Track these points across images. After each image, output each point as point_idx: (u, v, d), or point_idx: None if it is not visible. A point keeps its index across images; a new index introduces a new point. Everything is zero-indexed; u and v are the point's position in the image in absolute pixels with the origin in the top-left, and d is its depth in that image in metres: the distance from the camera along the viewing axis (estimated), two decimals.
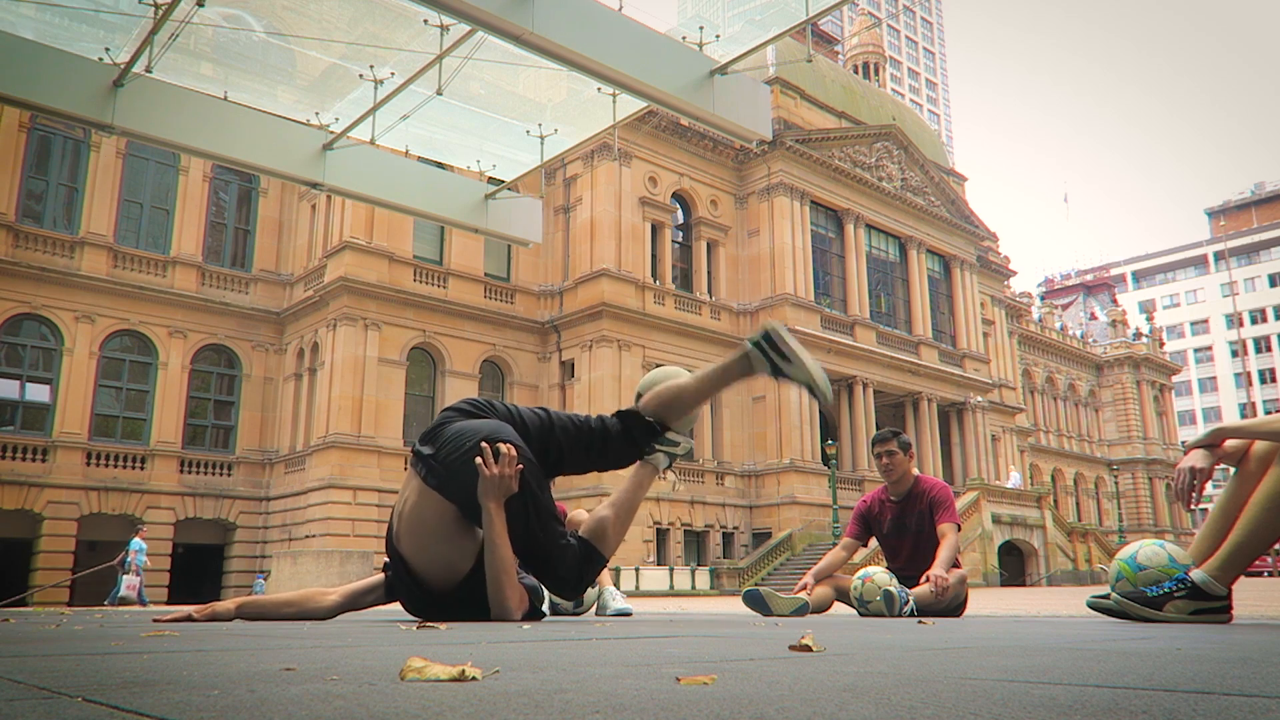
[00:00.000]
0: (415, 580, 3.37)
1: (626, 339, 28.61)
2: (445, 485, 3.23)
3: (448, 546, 3.32)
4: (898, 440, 5.57)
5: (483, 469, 3.13)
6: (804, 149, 32.46)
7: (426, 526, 3.30)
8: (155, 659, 1.67)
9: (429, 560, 3.34)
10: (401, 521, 3.36)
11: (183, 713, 0.96)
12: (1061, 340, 55.28)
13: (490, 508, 3.17)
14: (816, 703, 1.05)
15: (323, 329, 25.97)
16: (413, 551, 3.36)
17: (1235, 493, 3.29)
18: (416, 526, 3.32)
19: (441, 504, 3.25)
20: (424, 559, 3.34)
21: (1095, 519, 51.35)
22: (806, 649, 1.89)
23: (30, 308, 23.60)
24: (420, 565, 3.36)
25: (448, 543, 3.31)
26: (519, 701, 1.05)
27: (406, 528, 3.34)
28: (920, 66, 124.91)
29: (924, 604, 4.95)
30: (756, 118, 7.37)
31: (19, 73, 6.53)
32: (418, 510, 3.30)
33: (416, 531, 3.33)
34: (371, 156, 8.18)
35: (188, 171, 26.74)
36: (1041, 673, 1.41)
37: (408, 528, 3.34)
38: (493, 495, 3.16)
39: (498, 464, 3.13)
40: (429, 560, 3.34)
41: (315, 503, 24.59)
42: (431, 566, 3.35)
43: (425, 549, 3.33)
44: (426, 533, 3.31)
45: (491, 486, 3.14)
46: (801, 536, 28.97)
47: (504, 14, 5.82)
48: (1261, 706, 1.01)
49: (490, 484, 3.14)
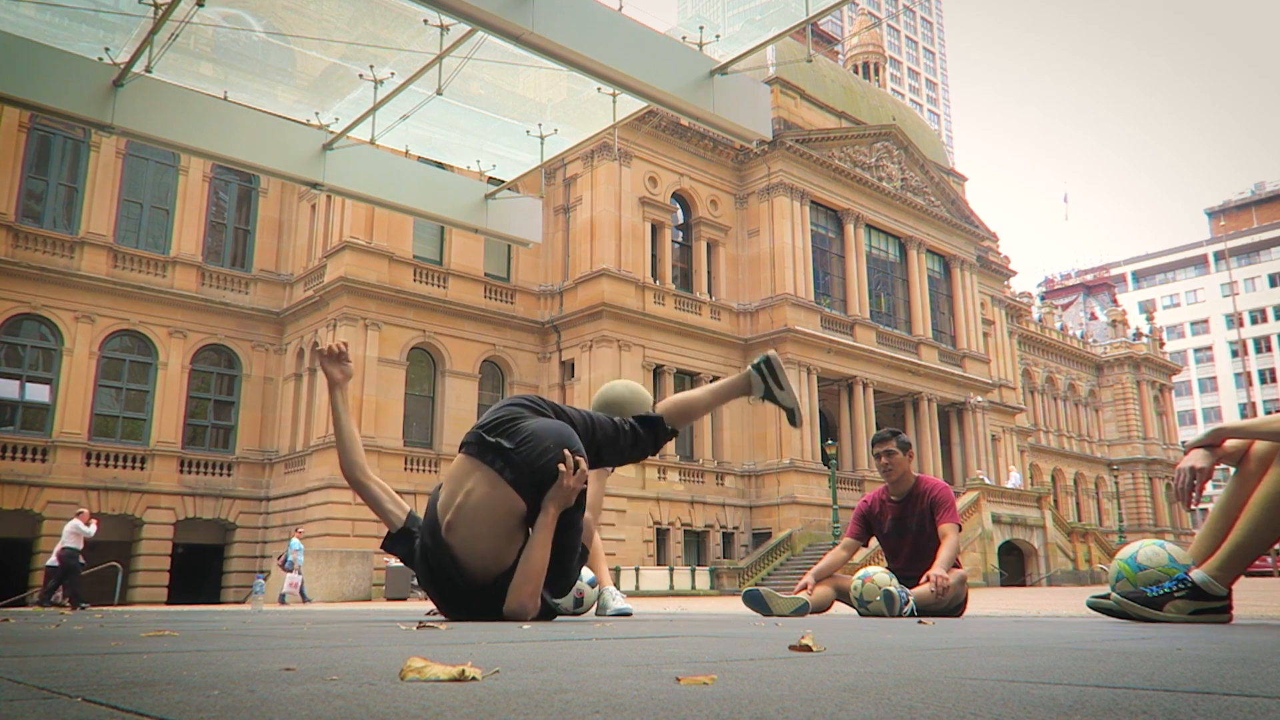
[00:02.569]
0: (458, 571, 3.36)
1: (626, 339, 28.61)
2: (520, 480, 3.29)
3: (502, 543, 3.35)
4: (897, 440, 5.57)
5: (564, 477, 3.26)
6: (804, 149, 32.46)
7: (493, 520, 3.32)
8: (155, 659, 1.67)
9: (481, 553, 3.34)
10: (460, 512, 3.34)
11: (183, 713, 0.96)
12: (1061, 340, 55.28)
13: (551, 511, 3.29)
14: (816, 703, 1.04)
15: (323, 329, 25.96)
16: (465, 543, 3.34)
17: (1235, 493, 3.29)
18: (480, 518, 3.32)
19: (515, 501, 3.31)
20: (477, 550, 3.34)
21: (1095, 519, 51.34)
22: (806, 649, 1.89)
23: (30, 308, 23.60)
24: (469, 558, 3.35)
25: (504, 539, 3.34)
26: (519, 701, 1.05)
27: (467, 518, 3.33)
28: (920, 66, 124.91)
29: (924, 604, 4.95)
30: (756, 118, 7.38)
31: (19, 73, 6.53)
32: (488, 502, 3.32)
33: (479, 523, 3.32)
34: (371, 156, 8.18)
35: (188, 171, 26.74)
36: (1041, 673, 1.41)
37: (469, 519, 3.33)
38: (559, 501, 3.29)
39: (575, 474, 3.28)
40: (481, 553, 3.34)
41: (315, 503, 24.58)
42: (481, 560, 3.35)
43: (481, 540, 3.34)
44: (490, 526, 3.32)
45: (562, 493, 3.28)
46: (801, 536, 28.97)
47: (504, 14, 5.82)
48: (1261, 707, 1.01)
49: (562, 491, 3.27)
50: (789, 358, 30.77)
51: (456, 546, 3.35)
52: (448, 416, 26.81)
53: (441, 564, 3.39)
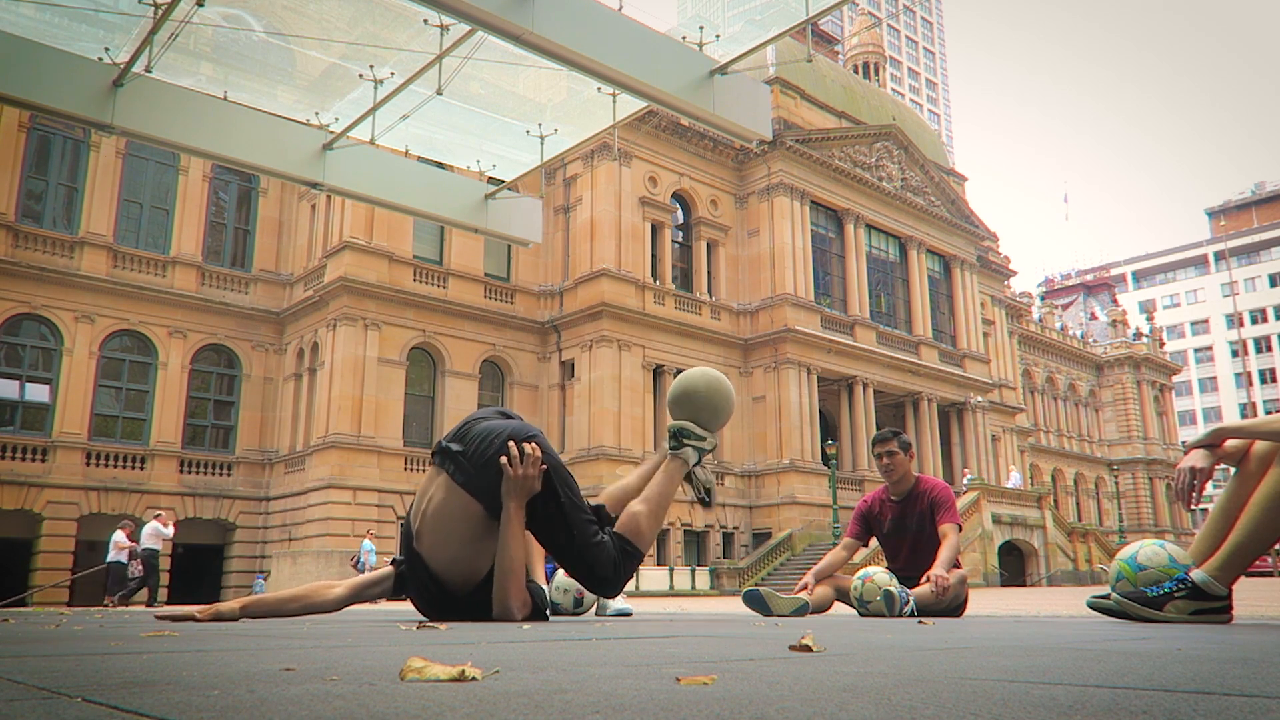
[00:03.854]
0: (434, 581, 3.34)
1: (626, 339, 28.61)
2: (472, 482, 3.24)
3: (470, 548, 3.30)
4: (898, 440, 5.57)
5: (507, 468, 3.17)
6: (804, 149, 32.46)
7: (451, 526, 3.28)
8: (155, 659, 1.67)
9: (450, 561, 3.31)
10: (424, 521, 3.33)
11: (183, 713, 0.96)
12: (1061, 340, 55.28)
13: (511, 506, 3.20)
14: (816, 703, 1.04)
15: (322, 329, 25.97)
16: (433, 551, 3.32)
17: (1235, 493, 3.29)
18: (440, 525, 3.30)
19: (468, 503, 3.25)
20: (445, 559, 3.31)
21: (1095, 519, 51.33)
22: (806, 649, 1.89)
23: (30, 308, 23.59)
24: (440, 566, 3.32)
25: (470, 544, 3.30)
26: (519, 701, 1.05)
27: (430, 526, 3.31)
28: (920, 66, 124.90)
29: (924, 604, 4.95)
30: (756, 118, 7.37)
31: (19, 73, 6.53)
32: (444, 509, 3.29)
33: (440, 530, 3.30)
34: (371, 156, 8.18)
35: (187, 171, 26.74)
36: (1041, 673, 1.41)
37: (431, 526, 3.31)
38: (515, 494, 3.19)
39: (522, 464, 3.17)
40: (450, 561, 3.31)
41: (315, 503, 24.58)
42: (452, 568, 3.32)
43: (447, 549, 3.31)
44: (450, 532, 3.29)
45: (515, 485, 3.18)
46: (801, 536, 28.97)
47: (504, 14, 5.82)
48: (1261, 707, 1.01)
49: (514, 483, 3.18)
50: (789, 358, 30.79)
51: (426, 555, 3.33)
52: (448, 416, 26.79)
53: (416, 574, 3.37)
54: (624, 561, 3.34)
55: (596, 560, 3.29)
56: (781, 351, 30.96)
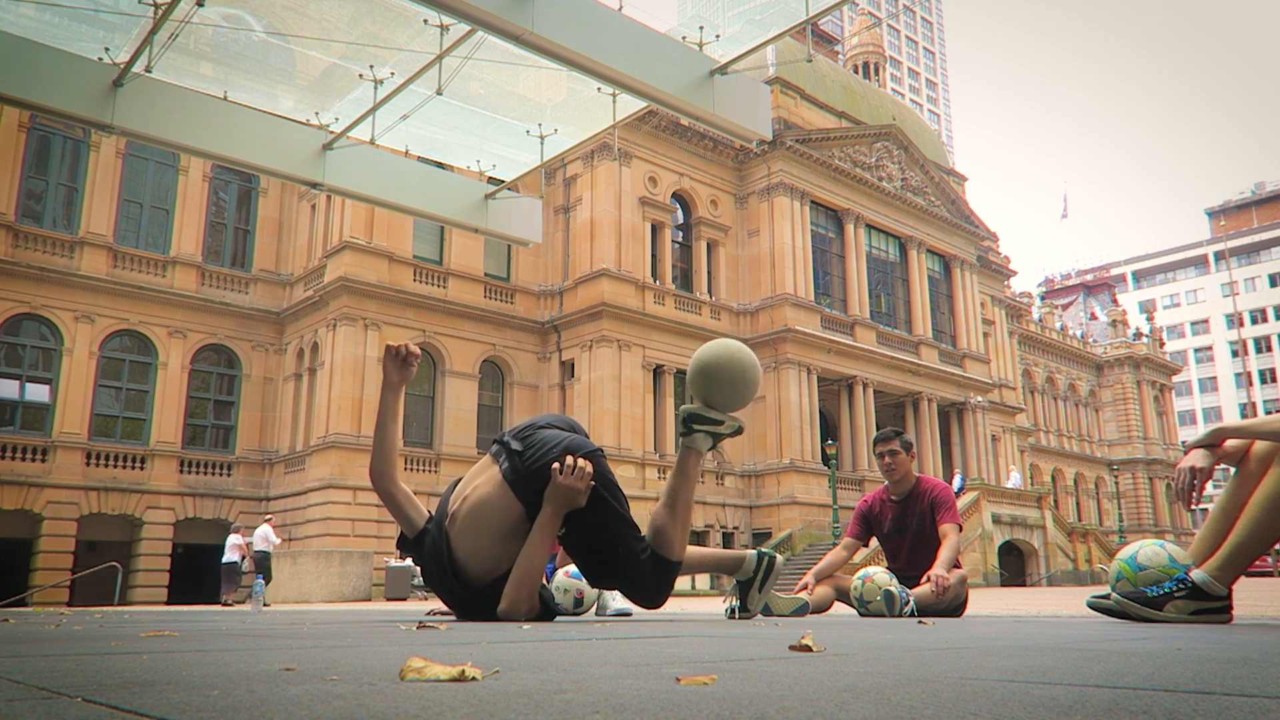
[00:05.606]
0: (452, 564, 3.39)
1: (626, 339, 28.62)
2: (520, 482, 3.32)
3: (498, 544, 3.35)
4: (900, 440, 5.57)
5: (556, 474, 3.23)
6: (804, 149, 32.46)
7: (487, 517, 3.35)
8: (155, 659, 1.67)
9: (475, 551, 3.37)
10: (464, 504, 3.40)
11: (183, 713, 0.96)
12: (1061, 340, 55.27)
13: (548, 511, 3.26)
14: (816, 703, 1.04)
15: (322, 329, 25.97)
16: (461, 536, 3.38)
17: (1235, 493, 3.29)
18: (477, 513, 3.36)
19: (511, 501, 3.32)
20: (469, 547, 3.37)
21: (1095, 519, 51.33)
22: (806, 649, 1.89)
23: (30, 308, 23.59)
24: (463, 553, 3.38)
25: (499, 540, 3.35)
26: (519, 701, 1.05)
27: (467, 511, 3.38)
28: (920, 66, 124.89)
29: (924, 604, 4.95)
30: (756, 118, 7.37)
31: (19, 73, 6.52)
32: (487, 499, 3.36)
33: (475, 518, 3.37)
34: (371, 156, 8.18)
35: (187, 171, 26.74)
36: (1041, 673, 1.41)
37: (468, 512, 3.38)
38: (556, 500, 3.25)
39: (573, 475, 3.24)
40: (475, 551, 3.37)
41: (315, 503, 24.58)
42: (472, 557, 3.37)
43: (476, 537, 3.36)
44: (484, 523, 3.35)
45: (559, 492, 3.24)
46: (801, 536, 28.97)
47: (504, 14, 5.82)
48: (1261, 707, 1.00)
49: (558, 489, 3.24)
50: (789, 357, 30.78)
51: (454, 537, 3.40)
52: (447, 416, 26.80)
53: (440, 559, 3.41)
54: (663, 576, 3.44)
55: (642, 578, 3.40)
56: (781, 351, 30.97)
